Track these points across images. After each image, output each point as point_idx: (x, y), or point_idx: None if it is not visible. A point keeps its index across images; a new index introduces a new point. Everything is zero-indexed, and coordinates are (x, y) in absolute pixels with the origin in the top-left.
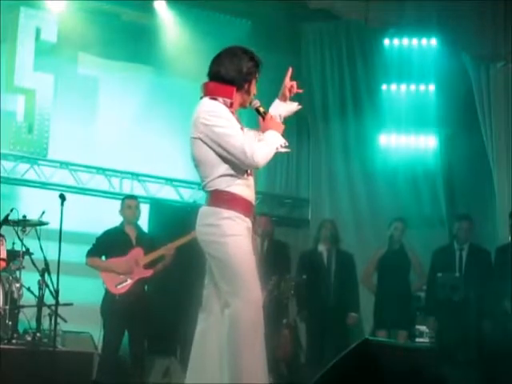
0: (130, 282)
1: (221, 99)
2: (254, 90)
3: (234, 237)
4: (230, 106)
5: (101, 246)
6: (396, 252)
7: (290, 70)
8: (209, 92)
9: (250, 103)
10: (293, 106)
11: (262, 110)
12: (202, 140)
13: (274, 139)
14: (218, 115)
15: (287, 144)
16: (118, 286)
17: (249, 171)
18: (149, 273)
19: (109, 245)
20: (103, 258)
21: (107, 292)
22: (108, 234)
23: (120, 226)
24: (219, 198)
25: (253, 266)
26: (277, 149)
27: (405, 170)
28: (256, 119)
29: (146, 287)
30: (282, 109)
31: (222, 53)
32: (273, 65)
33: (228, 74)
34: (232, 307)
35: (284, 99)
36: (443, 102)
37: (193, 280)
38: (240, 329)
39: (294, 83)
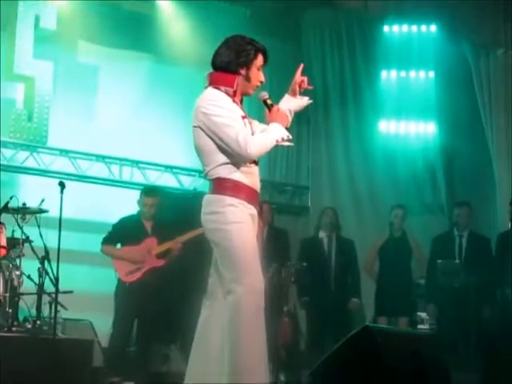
0: (141, 270)
1: (223, 88)
2: (257, 77)
3: (236, 224)
4: (234, 95)
5: (116, 234)
6: (397, 239)
7: (301, 66)
8: (211, 82)
9: (259, 95)
10: (303, 101)
11: (269, 102)
12: (201, 129)
13: (275, 132)
14: (217, 104)
15: (290, 137)
16: (129, 275)
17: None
18: (160, 263)
19: (124, 233)
20: (118, 245)
21: (119, 280)
22: (124, 221)
23: (137, 214)
24: (221, 186)
25: (255, 253)
26: (277, 141)
27: (405, 157)
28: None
29: (158, 277)
30: (292, 104)
31: (223, 42)
32: (273, 53)
33: (223, 61)
34: (234, 294)
35: (294, 94)
36: (443, 89)
37: (198, 269)
38: (242, 315)
39: (305, 78)
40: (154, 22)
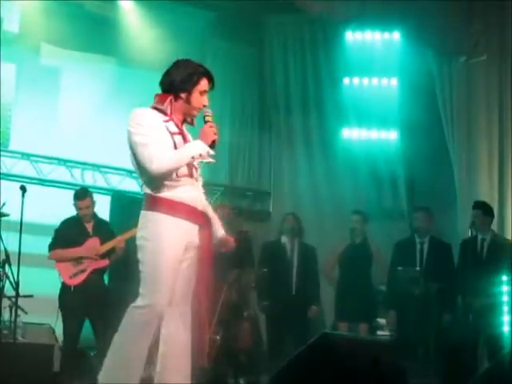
0: (85, 272)
1: (157, 107)
2: (199, 101)
3: (153, 241)
4: (171, 113)
5: (59, 238)
6: (358, 245)
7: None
8: (154, 102)
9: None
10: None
11: (206, 118)
12: (130, 146)
13: (192, 148)
14: (138, 122)
15: (211, 153)
16: (73, 277)
17: (179, 174)
18: (104, 263)
19: (66, 235)
20: (63, 248)
21: (63, 283)
22: (65, 224)
23: (77, 215)
24: (147, 202)
25: (167, 270)
26: (193, 158)
27: (366, 164)
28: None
29: (103, 277)
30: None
31: (172, 64)
32: (236, 56)
33: (165, 84)
34: (134, 302)
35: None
36: (405, 96)
37: None
38: (125, 324)
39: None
40: (118, 24)
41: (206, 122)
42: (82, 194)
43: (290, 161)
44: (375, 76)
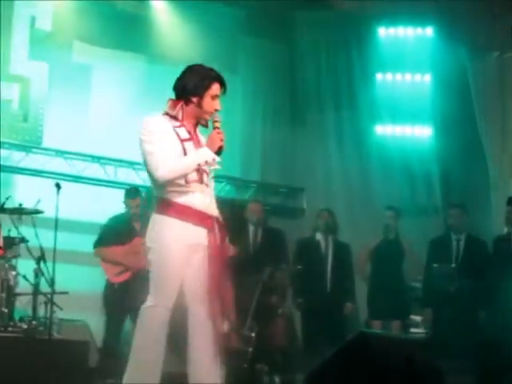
0: (129, 271)
1: (171, 114)
2: (210, 105)
3: (158, 243)
4: (182, 119)
5: (106, 235)
6: (390, 241)
7: None
8: (166, 107)
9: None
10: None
11: (214, 124)
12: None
13: (197, 156)
14: (147, 130)
15: (217, 160)
16: (118, 276)
17: (188, 180)
18: None
19: (113, 233)
20: (108, 246)
21: (107, 281)
22: (112, 221)
23: (126, 213)
24: (157, 205)
25: (172, 271)
26: (200, 164)
27: (400, 160)
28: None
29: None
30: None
31: (185, 69)
32: (267, 53)
33: (178, 89)
34: (143, 304)
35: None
36: (439, 92)
37: None
38: (138, 326)
39: None
40: (149, 22)
41: (214, 128)
42: (134, 193)
43: (323, 157)
44: (408, 72)
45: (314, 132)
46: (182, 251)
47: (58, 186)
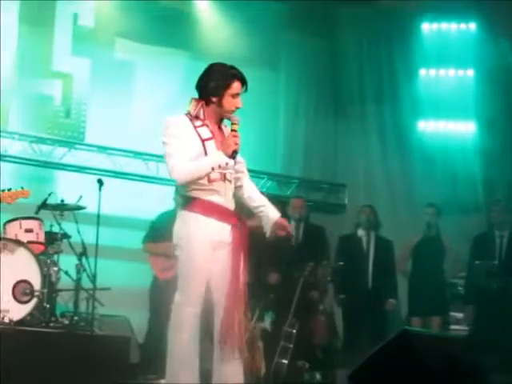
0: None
1: (193, 114)
2: (231, 103)
3: (184, 238)
4: (204, 118)
5: (155, 230)
6: (431, 238)
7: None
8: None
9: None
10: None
11: (232, 126)
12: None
13: (211, 159)
14: (168, 133)
15: (230, 163)
16: (164, 271)
17: (211, 178)
18: None
19: (162, 229)
20: (157, 242)
21: (155, 276)
22: (162, 217)
23: (174, 210)
24: (182, 202)
25: (199, 265)
26: (213, 169)
27: (442, 156)
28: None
29: None
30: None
31: (205, 69)
32: (310, 48)
33: (199, 89)
34: (173, 302)
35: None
36: (482, 88)
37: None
38: (173, 320)
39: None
40: (191, 18)
41: (231, 131)
42: None
43: (365, 153)
44: (452, 67)
45: (356, 128)
46: (206, 247)
47: (100, 182)
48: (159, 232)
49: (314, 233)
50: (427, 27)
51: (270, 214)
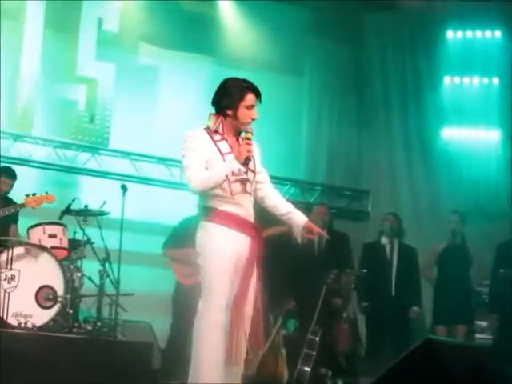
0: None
1: (212, 128)
2: (246, 115)
3: (208, 248)
4: (223, 133)
5: (177, 236)
6: (456, 246)
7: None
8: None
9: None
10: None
11: (246, 134)
12: None
13: (223, 169)
14: (186, 146)
15: (243, 170)
16: (188, 277)
17: (233, 191)
18: None
19: (184, 235)
20: (178, 248)
21: (178, 282)
22: (184, 223)
23: (197, 216)
24: (204, 213)
25: (221, 273)
26: (227, 176)
27: (466, 163)
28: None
29: None
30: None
31: (219, 84)
32: (334, 54)
33: (214, 104)
34: (198, 309)
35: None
36: (507, 96)
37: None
38: (200, 327)
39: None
40: (215, 23)
41: (244, 139)
42: None
43: (388, 160)
44: (476, 75)
45: (379, 134)
46: (229, 257)
47: (124, 187)
48: (181, 238)
49: (338, 240)
50: (452, 34)
51: (298, 219)
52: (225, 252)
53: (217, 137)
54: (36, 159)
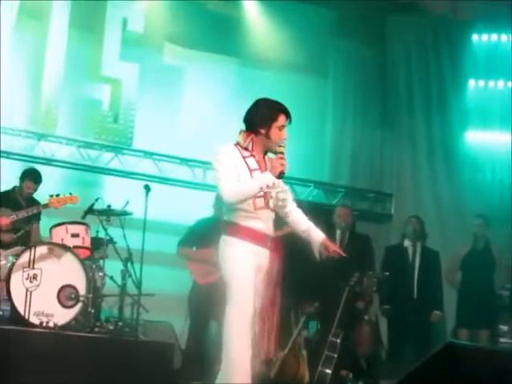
0: (217, 272)
1: (242, 145)
2: (277, 135)
3: (232, 262)
4: (252, 150)
5: (193, 236)
6: (480, 250)
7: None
8: (238, 137)
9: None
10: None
11: (278, 149)
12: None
13: (260, 180)
14: (217, 160)
15: (277, 183)
16: (205, 277)
17: (257, 206)
18: None
19: (201, 235)
20: (194, 248)
21: (194, 282)
22: (201, 224)
23: (213, 216)
24: (226, 228)
25: (245, 285)
26: (261, 188)
27: (490, 167)
28: None
29: None
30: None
31: (253, 103)
32: (358, 56)
33: (247, 122)
34: (226, 315)
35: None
36: None
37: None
38: (228, 331)
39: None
40: (240, 24)
41: (277, 153)
42: None
43: (412, 163)
44: (501, 78)
45: (403, 137)
46: (249, 269)
47: (147, 187)
48: (197, 238)
49: (360, 242)
50: (477, 37)
51: (316, 236)
52: (246, 263)
53: (246, 153)
54: (59, 158)
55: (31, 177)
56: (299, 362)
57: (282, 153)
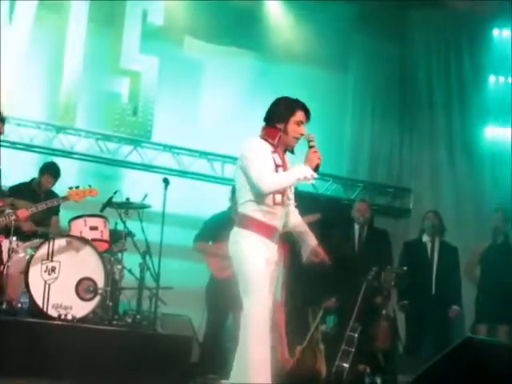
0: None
1: (269, 140)
2: (295, 130)
3: (246, 253)
4: (276, 146)
5: (208, 231)
6: (500, 245)
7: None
8: (261, 133)
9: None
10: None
11: (310, 144)
12: (240, 169)
13: (297, 171)
14: (250, 150)
15: (314, 176)
16: (222, 270)
17: (276, 201)
18: None
19: (216, 229)
20: (210, 242)
21: (211, 276)
22: (216, 218)
23: (228, 210)
24: (242, 221)
25: (261, 276)
26: (299, 179)
27: (510, 162)
28: None
29: None
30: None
31: (273, 101)
32: (379, 52)
33: (267, 119)
34: (244, 308)
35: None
36: None
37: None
38: (249, 325)
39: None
40: (260, 18)
41: (310, 148)
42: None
43: (431, 158)
44: None
45: (422, 132)
46: (260, 261)
47: (166, 181)
48: (212, 232)
49: (378, 237)
50: (497, 33)
51: (309, 241)
52: (260, 255)
53: (271, 149)
54: (78, 151)
55: (51, 171)
56: (316, 357)
57: (313, 146)
